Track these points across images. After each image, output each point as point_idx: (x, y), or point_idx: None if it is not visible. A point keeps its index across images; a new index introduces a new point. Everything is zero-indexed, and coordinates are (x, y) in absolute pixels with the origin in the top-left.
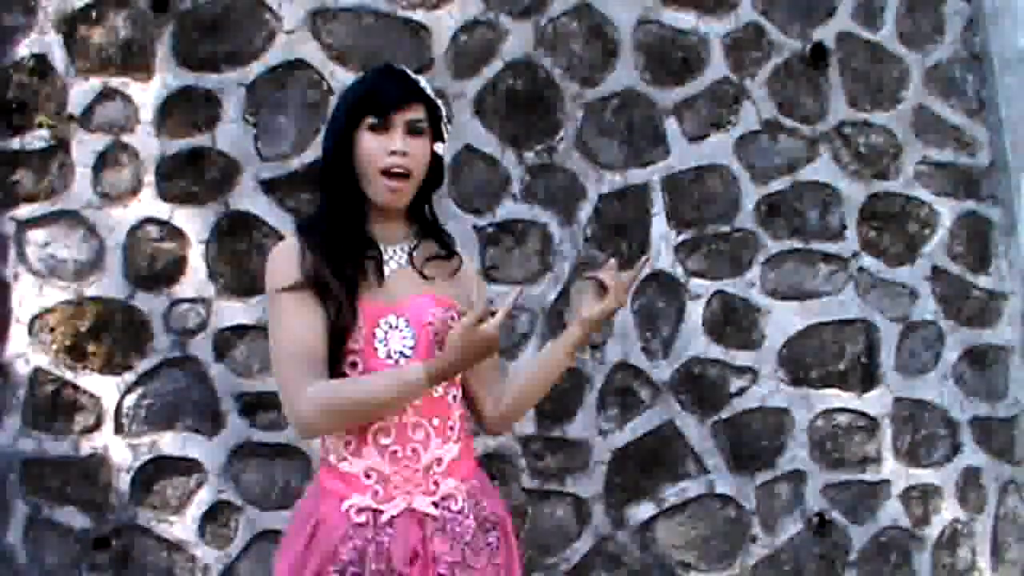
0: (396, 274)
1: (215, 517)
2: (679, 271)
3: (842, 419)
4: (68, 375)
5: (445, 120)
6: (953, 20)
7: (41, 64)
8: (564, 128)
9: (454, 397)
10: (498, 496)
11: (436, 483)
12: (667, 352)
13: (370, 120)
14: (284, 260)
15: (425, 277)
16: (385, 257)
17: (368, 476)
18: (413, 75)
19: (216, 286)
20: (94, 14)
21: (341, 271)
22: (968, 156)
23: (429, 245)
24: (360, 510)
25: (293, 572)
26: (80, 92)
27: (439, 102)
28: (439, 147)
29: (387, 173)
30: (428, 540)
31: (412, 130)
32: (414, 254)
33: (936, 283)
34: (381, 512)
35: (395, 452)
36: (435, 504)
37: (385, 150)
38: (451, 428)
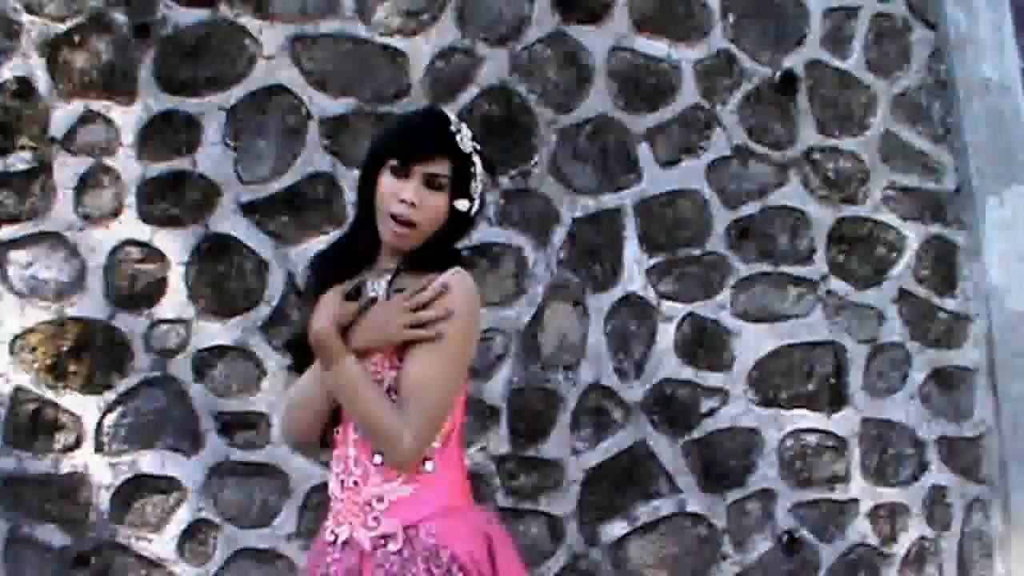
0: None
1: (194, 535)
2: (651, 294)
3: (811, 439)
4: (49, 394)
5: (478, 176)
6: (919, 49)
7: (24, 87)
8: (538, 153)
9: None
10: (474, 540)
11: (376, 519)
12: (639, 373)
13: (392, 163)
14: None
15: None
16: (368, 291)
17: (334, 498)
18: (455, 124)
19: (196, 307)
20: (77, 38)
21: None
22: (934, 181)
23: (408, 277)
24: (329, 530)
25: None
26: (62, 115)
27: (475, 158)
28: (462, 203)
29: (394, 218)
30: (369, 573)
31: (430, 184)
32: (391, 284)
33: (903, 305)
34: (337, 535)
35: (343, 481)
36: (372, 540)
37: (397, 196)
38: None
